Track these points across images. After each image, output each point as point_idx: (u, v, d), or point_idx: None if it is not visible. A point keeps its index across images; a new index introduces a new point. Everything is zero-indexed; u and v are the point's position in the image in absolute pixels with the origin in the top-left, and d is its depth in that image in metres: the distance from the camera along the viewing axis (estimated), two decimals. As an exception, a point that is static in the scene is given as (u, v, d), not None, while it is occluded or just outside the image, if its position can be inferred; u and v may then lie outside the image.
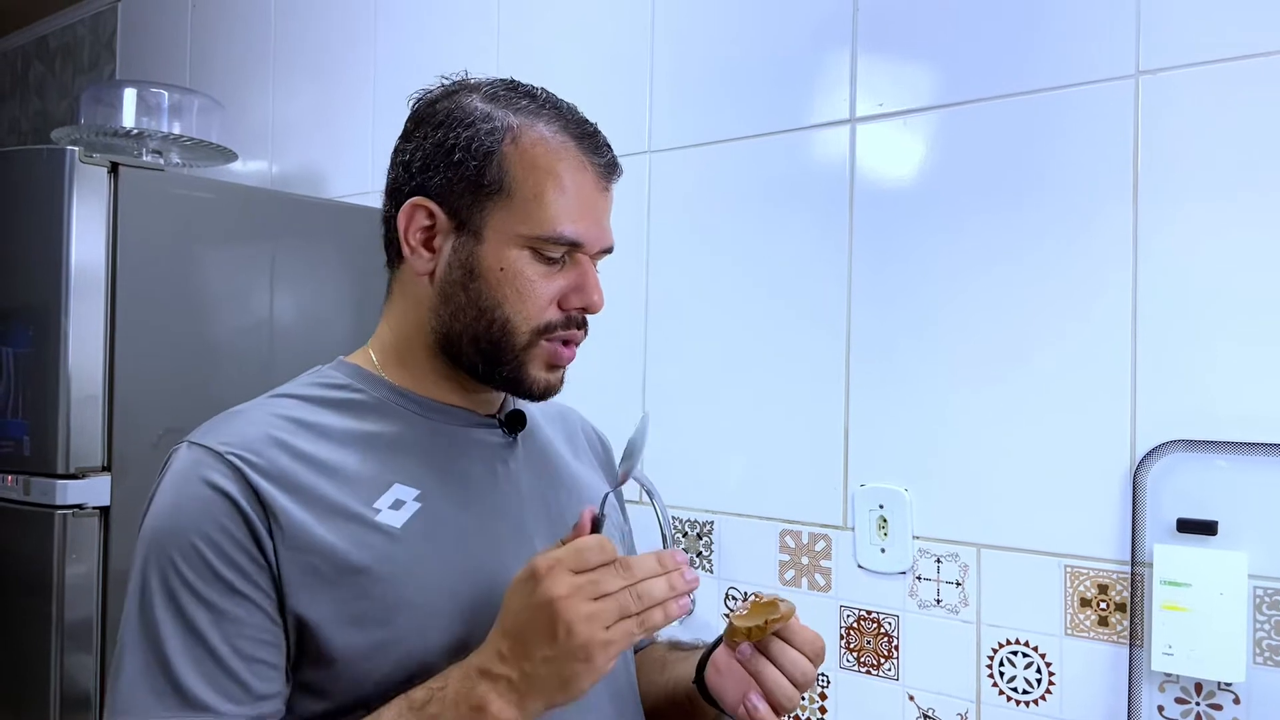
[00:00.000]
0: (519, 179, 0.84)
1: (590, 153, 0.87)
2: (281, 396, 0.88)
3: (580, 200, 0.86)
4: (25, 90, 3.58)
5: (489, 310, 0.85)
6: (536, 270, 0.85)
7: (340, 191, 2.28)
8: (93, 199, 1.59)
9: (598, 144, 0.88)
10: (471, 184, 0.85)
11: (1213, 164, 1.21)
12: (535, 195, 0.84)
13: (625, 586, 0.73)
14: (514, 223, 0.84)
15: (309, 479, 0.80)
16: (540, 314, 0.86)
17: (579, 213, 0.85)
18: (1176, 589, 1.20)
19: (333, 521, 0.79)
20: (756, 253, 1.60)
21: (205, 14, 2.72)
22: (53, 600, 1.54)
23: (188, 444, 0.82)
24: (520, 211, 0.84)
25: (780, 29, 1.59)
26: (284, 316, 1.86)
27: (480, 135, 0.85)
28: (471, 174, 0.85)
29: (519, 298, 0.85)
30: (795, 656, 0.86)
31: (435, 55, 2.10)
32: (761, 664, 0.86)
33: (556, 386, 0.91)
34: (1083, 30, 1.31)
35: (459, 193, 0.86)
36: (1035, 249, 1.33)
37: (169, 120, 2.15)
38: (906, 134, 1.46)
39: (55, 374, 1.56)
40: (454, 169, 0.86)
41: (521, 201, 0.84)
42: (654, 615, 0.74)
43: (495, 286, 0.85)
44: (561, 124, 0.87)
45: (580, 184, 0.86)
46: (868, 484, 1.47)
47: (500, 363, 0.87)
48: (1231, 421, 1.19)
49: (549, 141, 0.86)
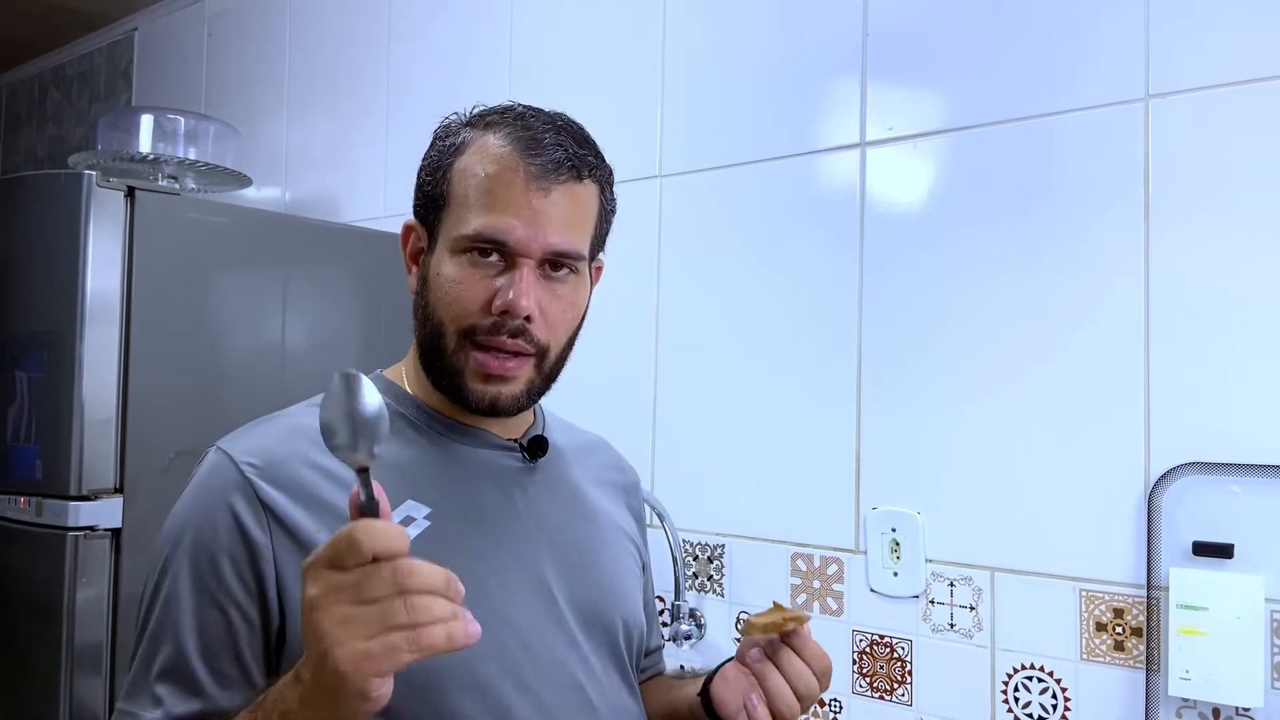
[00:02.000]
0: (454, 186, 0.87)
1: (525, 154, 0.85)
2: (315, 406, 0.89)
3: (503, 198, 0.84)
4: (42, 118, 3.63)
5: (429, 316, 0.88)
6: (466, 274, 0.86)
7: (353, 216, 2.29)
8: (109, 223, 1.60)
9: (540, 145, 0.85)
10: (430, 200, 0.90)
11: (1223, 187, 1.21)
12: (462, 198, 0.86)
13: (396, 595, 0.61)
14: (449, 228, 0.87)
15: (323, 490, 0.82)
16: (464, 316, 0.85)
17: (499, 209, 0.84)
18: (1193, 613, 1.19)
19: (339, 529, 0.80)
20: (767, 276, 1.61)
21: (221, 43, 2.76)
22: (63, 622, 1.54)
23: (215, 448, 0.85)
24: (454, 216, 0.87)
25: (791, 53, 1.60)
26: (296, 340, 1.87)
27: (438, 153, 0.90)
28: (430, 190, 0.90)
29: (446, 300, 0.86)
30: (802, 668, 0.85)
31: (448, 81, 2.12)
32: (767, 669, 0.85)
33: (503, 399, 0.87)
34: (1092, 55, 1.31)
35: (426, 210, 0.90)
36: (1046, 272, 1.34)
37: (185, 146, 2.17)
38: (917, 158, 1.46)
39: (69, 396, 1.56)
40: (421, 189, 0.91)
41: (455, 207, 0.87)
42: (432, 633, 0.61)
43: (433, 291, 0.88)
44: (509, 131, 0.87)
45: (505, 183, 0.85)
46: (880, 507, 1.46)
47: (442, 373, 0.88)
48: (1247, 444, 1.18)
49: (487, 149, 0.87)
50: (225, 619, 0.79)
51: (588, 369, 1.03)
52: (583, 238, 0.89)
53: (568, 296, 0.89)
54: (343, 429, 0.67)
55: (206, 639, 0.79)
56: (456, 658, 0.79)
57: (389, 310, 1.96)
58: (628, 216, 1.80)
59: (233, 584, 0.79)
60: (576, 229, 0.88)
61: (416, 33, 2.21)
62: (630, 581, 1.01)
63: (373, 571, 0.61)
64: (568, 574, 0.92)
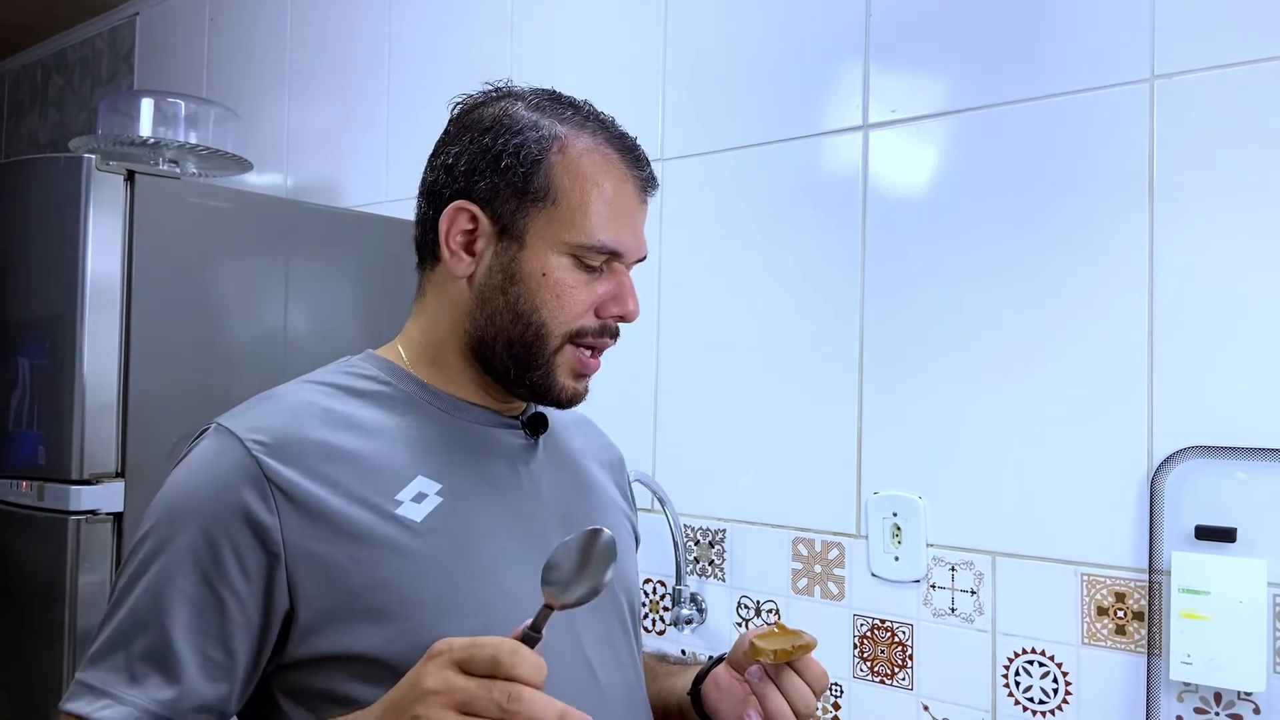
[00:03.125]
0: (565, 188, 0.86)
1: (633, 166, 0.90)
2: (312, 383, 0.89)
3: (622, 211, 0.88)
4: (44, 103, 3.62)
5: (526, 314, 0.87)
6: (577, 277, 0.87)
7: (354, 201, 2.29)
8: (109, 207, 1.60)
9: (638, 158, 0.91)
10: (518, 190, 0.87)
11: (1229, 168, 1.20)
12: (580, 204, 0.86)
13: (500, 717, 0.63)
14: (558, 230, 0.86)
15: (332, 467, 0.81)
16: (576, 319, 0.87)
17: (620, 223, 0.88)
18: (1195, 597, 1.18)
19: (352, 510, 0.80)
20: (769, 259, 1.60)
21: (222, 27, 2.75)
22: (65, 607, 1.54)
23: (216, 426, 0.84)
24: (565, 219, 0.86)
25: (793, 35, 1.59)
26: (298, 325, 1.86)
27: (529, 143, 0.87)
28: (518, 180, 0.86)
29: (557, 303, 0.86)
30: (804, 690, 0.86)
31: (449, 65, 2.11)
32: (769, 689, 0.86)
33: (583, 395, 0.92)
34: (1097, 35, 1.30)
35: (504, 198, 0.87)
36: (1050, 254, 1.33)
37: (185, 130, 2.17)
38: (919, 140, 1.45)
39: (70, 381, 1.56)
40: (500, 175, 0.87)
41: (567, 209, 0.86)
42: None
43: (535, 291, 0.86)
44: (606, 136, 0.90)
45: (622, 195, 0.88)
46: (881, 491, 1.46)
47: (530, 368, 0.88)
48: (1250, 427, 1.18)
49: (595, 152, 0.88)
50: (221, 606, 0.78)
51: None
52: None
53: None
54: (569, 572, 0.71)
55: (198, 624, 0.77)
56: (465, 630, 0.80)
57: (391, 295, 1.96)
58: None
59: (233, 571, 0.78)
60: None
61: (417, 16, 2.19)
62: (629, 556, 1.03)
63: (489, 686, 0.63)
64: None
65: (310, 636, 0.79)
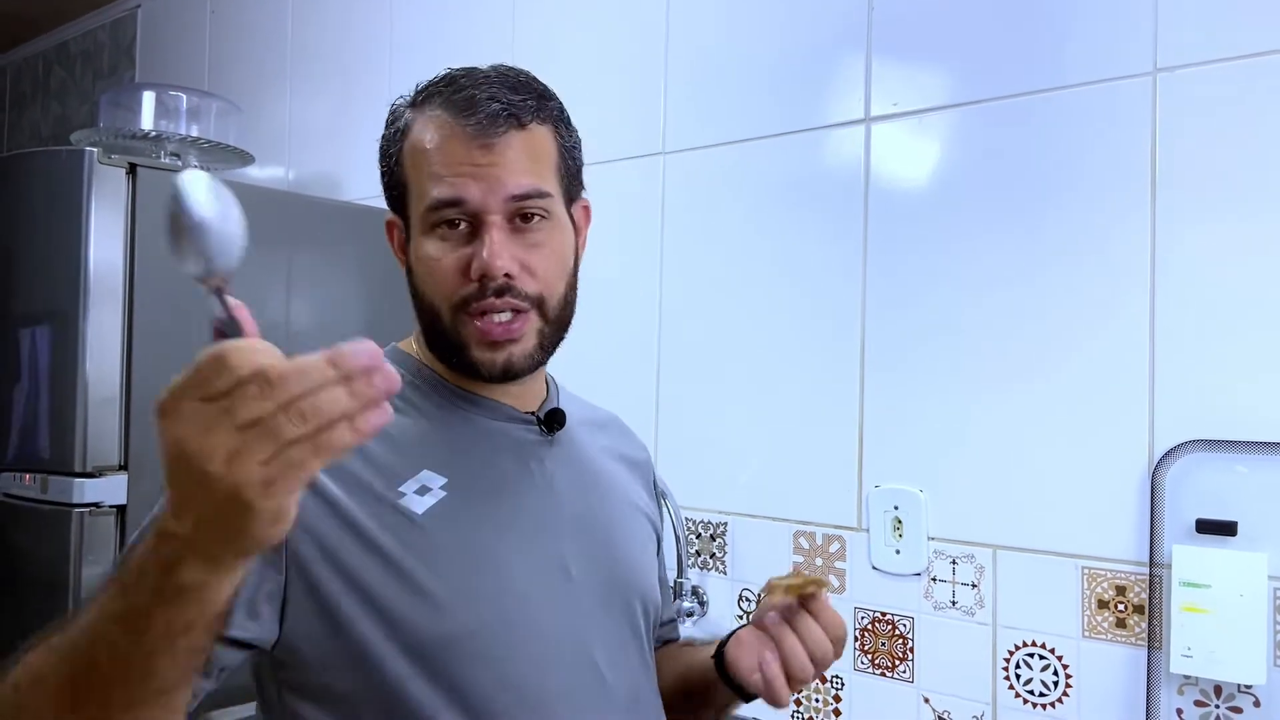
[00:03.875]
0: (407, 168, 0.88)
1: (460, 115, 0.85)
2: None
3: (450, 163, 0.84)
4: (46, 96, 3.62)
5: (421, 300, 0.89)
6: (440, 248, 0.86)
7: (356, 194, 2.28)
8: (111, 200, 1.60)
9: (474, 104, 0.85)
10: (393, 188, 0.90)
11: (1231, 162, 1.20)
12: (416, 176, 0.87)
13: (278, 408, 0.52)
14: (414, 209, 0.88)
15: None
16: (452, 291, 0.85)
17: (450, 172, 0.84)
18: (1195, 590, 1.19)
19: (358, 498, 0.80)
20: (770, 253, 1.60)
21: (224, 20, 2.74)
22: (69, 599, 1.55)
23: None
24: (415, 197, 0.87)
25: (794, 29, 1.59)
26: (300, 318, 1.87)
27: (385, 141, 0.91)
28: (389, 179, 0.91)
29: (432, 279, 0.86)
30: (818, 632, 0.86)
31: (450, 58, 2.10)
32: (784, 632, 0.86)
33: (515, 363, 0.87)
34: (1099, 28, 1.30)
35: (394, 200, 0.91)
36: (1051, 249, 1.33)
37: (187, 123, 2.17)
38: (921, 134, 1.45)
39: (73, 373, 1.57)
40: (384, 180, 0.92)
41: (413, 187, 0.87)
42: (337, 434, 0.53)
43: (419, 276, 0.88)
44: (442, 100, 0.87)
45: (448, 149, 0.85)
46: (882, 485, 1.46)
47: (448, 350, 0.88)
48: (1251, 421, 1.18)
49: (425, 122, 0.87)
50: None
51: (590, 347, 1.03)
52: (543, 178, 0.87)
53: (547, 243, 0.88)
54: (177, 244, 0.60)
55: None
56: (468, 630, 0.79)
57: (393, 287, 1.95)
58: (631, 193, 1.80)
59: None
60: (532, 172, 0.86)
61: (418, 8, 2.19)
62: (646, 556, 1.01)
63: (244, 392, 0.53)
64: (585, 548, 0.91)
65: (306, 607, 0.78)
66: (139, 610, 0.58)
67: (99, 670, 0.61)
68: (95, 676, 0.62)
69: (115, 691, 0.61)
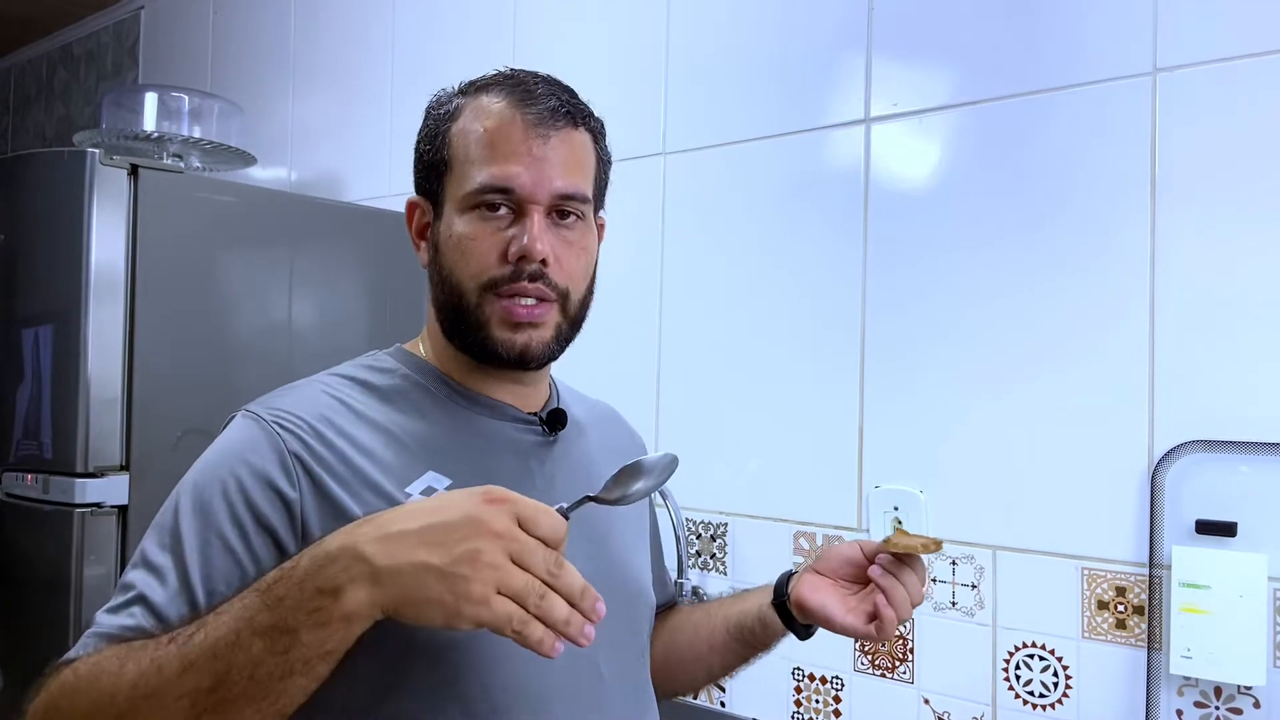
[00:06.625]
0: (455, 148, 0.88)
1: (521, 104, 0.86)
2: (333, 376, 0.91)
3: (505, 148, 0.85)
4: (50, 96, 3.63)
5: (447, 279, 0.88)
6: (479, 229, 0.86)
7: (358, 195, 2.29)
8: (113, 201, 1.60)
9: (534, 96, 0.87)
10: (431, 168, 0.90)
11: (1231, 162, 1.20)
12: (464, 156, 0.87)
13: (544, 580, 0.66)
14: (455, 189, 0.88)
15: (348, 455, 0.82)
16: (484, 270, 0.86)
17: (504, 158, 0.85)
18: (1195, 591, 1.18)
19: (365, 496, 0.81)
20: (771, 253, 1.60)
21: (226, 21, 2.75)
22: (70, 599, 1.55)
23: (243, 412, 0.85)
24: (458, 176, 0.88)
25: (794, 29, 1.59)
26: (302, 318, 1.87)
27: (432, 122, 0.91)
28: (429, 159, 0.91)
29: (464, 258, 0.86)
30: (918, 587, 0.93)
31: (451, 59, 2.11)
32: (892, 582, 0.91)
33: (533, 349, 0.88)
34: (1098, 28, 1.30)
35: (428, 180, 0.91)
36: (1051, 250, 1.33)
37: (189, 124, 2.17)
38: (921, 134, 1.45)
39: (75, 374, 1.57)
40: (420, 160, 0.92)
41: (457, 169, 0.88)
42: (534, 629, 0.66)
43: (448, 254, 0.88)
44: (502, 90, 0.88)
45: (505, 134, 0.86)
46: (882, 485, 1.46)
47: (467, 330, 0.88)
48: (1251, 422, 1.18)
49: (482, 107, 0.88)
50: (235, 558, 0.78)
51: (591, 346, 1.02)
52: (586, 181, 0.90)
53: (579, 242, 0.89)
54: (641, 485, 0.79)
55: (207, 572, 0.77)
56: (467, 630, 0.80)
57: (394, 288, 1.96)
58: (632, 193, 1.80)
59: (250, 528, 0.78)
60: (578, 173, 0.89)
61: (420, 9, 2.19)
62: (642, 554, 1.02)
63: (540, 548, 0.66)
64: (584, 547, 0.91)
65: None
66: (286, 627, 0.64)
67: (230, 685, 0.66)
68: (224, 692, 0.66)
69: (246, 710, 0.66)
